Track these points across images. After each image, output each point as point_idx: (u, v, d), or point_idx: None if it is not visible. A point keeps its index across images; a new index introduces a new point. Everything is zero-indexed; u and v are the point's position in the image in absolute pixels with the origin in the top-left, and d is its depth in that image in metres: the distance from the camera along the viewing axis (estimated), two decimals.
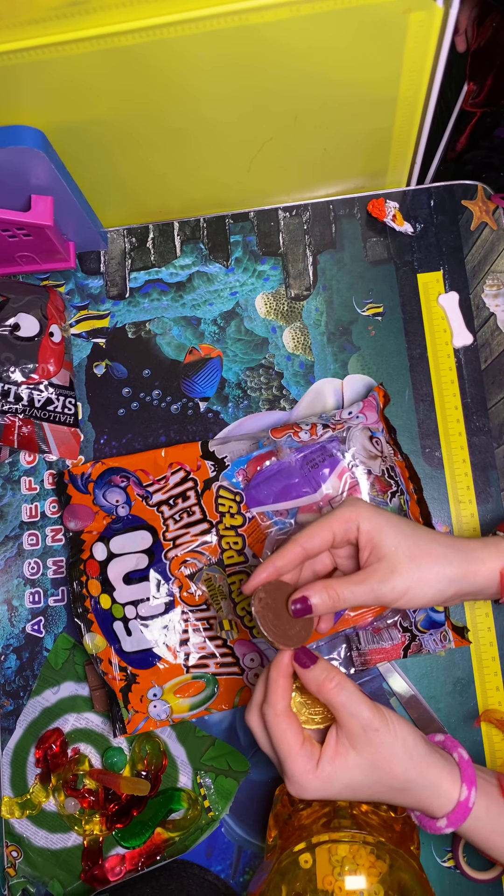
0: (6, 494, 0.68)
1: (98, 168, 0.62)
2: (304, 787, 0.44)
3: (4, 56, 0.47)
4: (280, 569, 0.47)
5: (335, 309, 0.69)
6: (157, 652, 0.61)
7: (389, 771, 0.44)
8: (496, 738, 0.61)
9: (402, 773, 0.44)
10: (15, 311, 0.65)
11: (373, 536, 0.47)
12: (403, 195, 0.70)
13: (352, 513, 0.47)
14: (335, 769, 0.44)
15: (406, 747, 0.45)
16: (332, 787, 0.44)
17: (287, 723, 0.45)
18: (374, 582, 0.46)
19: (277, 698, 0.45)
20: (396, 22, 0.48)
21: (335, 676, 0.44)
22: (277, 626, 0.46)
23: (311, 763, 0.44)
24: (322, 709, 0.48)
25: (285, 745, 0.44)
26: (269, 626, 0.45)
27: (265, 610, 0.46)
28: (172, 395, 0.69)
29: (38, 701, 0.65)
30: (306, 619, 0.47)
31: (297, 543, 0.47)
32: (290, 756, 0.44)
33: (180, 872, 0.60)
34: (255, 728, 0.46)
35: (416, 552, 0.46)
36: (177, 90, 0.53)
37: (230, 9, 0.45)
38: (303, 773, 0.44)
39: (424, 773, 0.45)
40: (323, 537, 0.47)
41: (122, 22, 0.46)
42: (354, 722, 0.44)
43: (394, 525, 0.47)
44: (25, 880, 0.63)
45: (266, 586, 0.46)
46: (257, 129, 0.59)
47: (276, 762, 0.46)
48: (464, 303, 0.67)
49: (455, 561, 0.47)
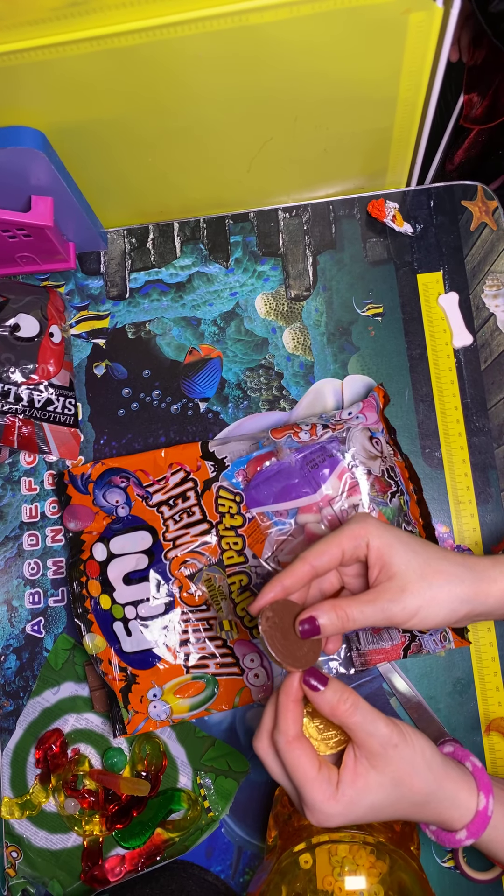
0: (6, 495, 0.68)
1: (98, 169, 0.62)
2: (327, 813, 0.42)
3: (5, 57, 0.47)
4: (288, 588, 0.45)
5: (335, 309, 0.69)
6: (156, 652, 0.61)
7: (411, 786, 0.43)
8: (498, 746, 0.61)
9: (424, 787, 0.43)
10: (15, 312, 0.65)
11: (383, 554, 0.45)
12: (403, 196, 0.70)
13: (361, 529, 0.46)
14: (357, 792, 0.42)
15: (425, 759, 0.44)
16: (355, 810, 0.43)
17: (300, 749, 0.43)
18: (385, 601, 0.44)
19: (288, 724, 0.43)
20: (396, 22, 0.48)
21: (348, 697, 0.43)
22: (285, 646, 0.44)
23: (331, 788, 0.42)
24: (336, 731, 0.46)
25: (301, 773, 0.43)
26: (277, 646, 0.44)
27: (273, 630, 0.44)
28: (172, 395, 0.69)
29: (37, 701, 0.65)
30: (314, 639, 0.45)
31: (305, 561, 0.45)
32: (308, 783, 0.42)
33: (180, 873, 0.60)
34: (266, 758, 0.45)
35: (428, 571, 0.45)
36: (177, 91, 0.53)
37: (230, 9, 0.45)
38: (323, 800, 0.42)
39: (443, 785, 0.44)
40: (332, 554, 0.46)
41: (123, 22, 0.46)
42: (373, 741, 0.43)
43: (404, 542, 0.46)
44: (25, 881, 0.63)
45: (274, 605, 0.45)
46: (257, 129, 0.59)
47: (293, 792, 0.44)
48: (464, 303, 0.67)
49: (467, 580, 0.46)
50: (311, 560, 0.45)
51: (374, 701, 0.62)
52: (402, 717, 0.62)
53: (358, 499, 0.59)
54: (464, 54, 0.66)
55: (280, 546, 0.61)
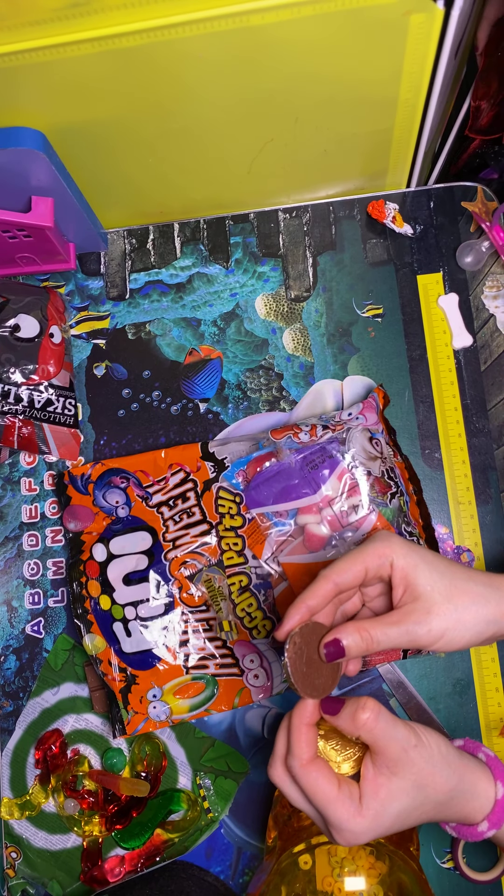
0: (6, 495, 0.68)
1: (99, 169, 0.62)
2: (355, 832, 0.41)
3: (6, 57, 0.47)
4: (313, 608, 0.44)
5: (335, 310, 0.69)
6: (156, 653, 0.61)
7: (434, 786, 0.42)
8: (498, 748, 0.61)
9: (445, 783, 0.42)
10: (15, 312, 0.65)
11: (407, 574, 0.44)
12: (403, 197, 0.70)
13: (386, 548, 0.44)
14: (381, 802, 0.41)
15: (442, 754, 0.43)
16: (382, 822, 0.41)
17: (317, 770, 0.42)
18: (410, 623, 0.43)
19: (302, 748, 0.42)
20: (397, 24, 0.48)
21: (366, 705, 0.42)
22: (307, 675, 0.43)
23: (354, 804, 0.41)
24: (354, 749, 0.45)
25: (321, 795, 0.41)
26: (298, 676, 0.43)
27: (298, 657, 0.43)
28: (172, 396, 0.69)
29: (37, 702, 0.65)
30: (335, 664, 0.44)
31: (328, 579, 0.44)
32: (330, 804, 0.41)
33: (180, 874, 0.60)
34: (283, 785, 0.43)
35: (454, 592, 0.44)
36: (178, 91, 0.53)
37: (232, 10, 0.45)
38: (349, 819, 0.41)
39: (464, 777, 0.43)
40: (355, 572, 0.44)
41: (123, 23, 0.46)
42: (394, 745, 0.41)
43: (429, 562, 0.44)
44: (25, 881, 0.63)
45: (303, 629, 0.43)
46: (258, 130, 0.59)
47: (316, 816, 0.43)
48: (463, 304, 0.67)
49: (493, 600, 0.44)
50: (333, 577, 0.44)
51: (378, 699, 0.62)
52: (401, 716, 0.62)
53: (358, 500, 0.59)
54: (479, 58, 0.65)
55: (280, 547, 0.61)
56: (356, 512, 0.59)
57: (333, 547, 0.59)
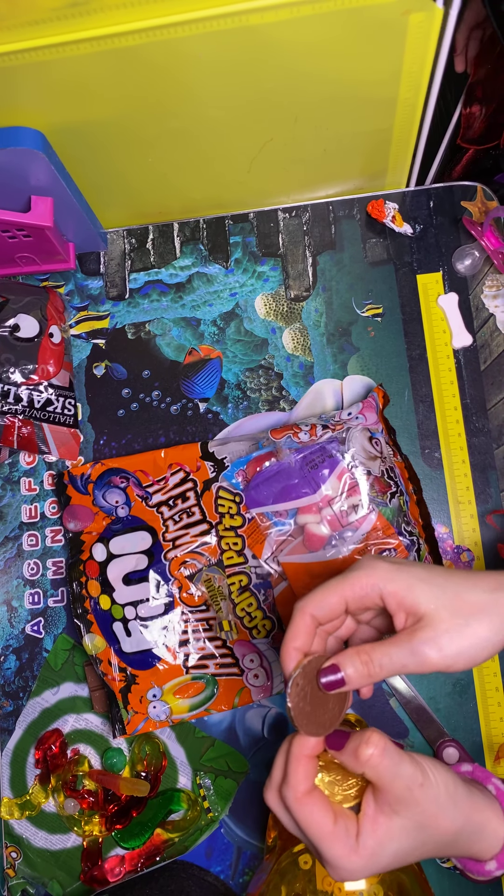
0: (6, 495, 0.68)
1: (98, 169, 0.62)
2: (348, 869, 0.39)
3: (5, 57, 0.47)
4: (301, 648, 0.41)
5: (335, 310, 0.69)
6: (156, 653, 0.61)
7: (437, 827, 0.39)
8: (498, 770, 0.61)
9: (451, 825, 0.40)
10: (15, 312, 0.65)
11: (402, 597, 0.40)
12: (403, 196, 0.70)
13: (367, 578, 0.41)
14: (379, 841, 0.39)
15: (449, 793, 0.40)
16: (378, 861, 0.39)
17: (311, 804, 0.39)
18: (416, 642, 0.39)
19: (299, 780, 0.40)
20: (396, 23, 0.48)
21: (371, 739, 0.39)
22: (311, 713, 0.40)
23: (350, 841, 0.39)
24: (356, 781, 0.42)
25: (315, 829, 0.39)
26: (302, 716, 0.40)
27: (301, 698, 0.40)
28: (172, 395, 0.69)
29: (37, 702, 0.65)
30: (340, 696, 0.42)
31: (304, 612, 0.41)
32: (324, 840, 0.39)
33: (180, 873, 0.60)
34: (278, 811, 0.41)
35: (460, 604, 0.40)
36: (177, 91, 0.53)
37: (231, 10, 0.45)
38: (343, 856, 0.39)
39: (470, 818, 0.40)
40: (332, 605, 0.41)
41: (123, 23, 0.46)
42: (399, 783, 0.39)
43: (423, 579, 0.41)
44: (25, 881, 0.63)
45: (304, 668, 0.41)
46: (257, 129, 0.59)
47: (310, 846, 0.41)
48: (463, 304, 0.67)
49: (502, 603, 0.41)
50: (310, 610, 0.41)
51: (374, 702, 0.62)
52: (402, 717, 0.62)
53: (357, 499, 0.59)
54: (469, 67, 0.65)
55: (280, 546, 0.61)
56: (356, 511, 0.59)
57: (333, 546, 0.59)
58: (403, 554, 0.58)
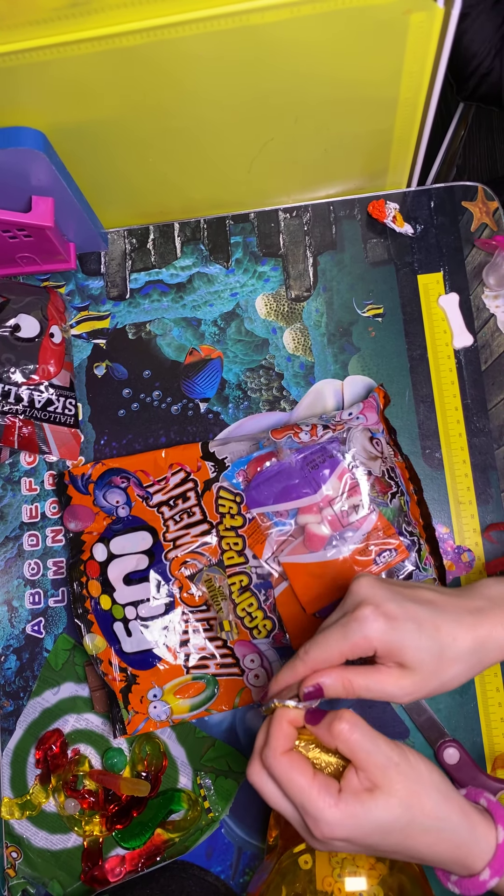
0: (6, 495, 0.68)
1: (99, 169, 0.62)
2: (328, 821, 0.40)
3: (6, 57, 0.47)
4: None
5: (335, 310, 0.69)
6: (157, 653, 0.61)
7: (421, 807, 0.40)
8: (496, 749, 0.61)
9: (434, 808, 0.41)
10: (15, 312, 0.65)
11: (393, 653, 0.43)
12: (404, 196, 0.70)
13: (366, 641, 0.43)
14: (362, 805, 0.40)
15: (433, 781, 0.42)
16: (359, 824, 0.40)
17: (291, 760, 0.41)
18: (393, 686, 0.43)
19: (279, 740, 0.42)
20: (397, 23, 0.48)
21: (343, 716, 0.41)
22: None
23: (332, 794, 0.40)
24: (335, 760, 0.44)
25: (296, 784, 0.41)
26: None
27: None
28: (173, 395, 0.69)
29: (38, 702, 0.65)
30: None
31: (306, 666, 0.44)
32: (304, 792, 0.40)
33: (180, 873, 0.60)
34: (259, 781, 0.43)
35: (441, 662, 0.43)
36: (178, 91, 0.53)
37: (231, 10, 0.45)
38: (324, 807, 0.40)
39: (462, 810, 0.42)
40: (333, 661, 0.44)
41: (124, 23, 0.46)
42: (374, 759, 0.41)
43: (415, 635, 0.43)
44: (25, 881, 0.63)
45: None
46: (258, 129, 0.59)
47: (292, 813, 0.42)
48: (464, 304, 0.67)
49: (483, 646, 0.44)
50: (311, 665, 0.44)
51: (374, 702, 0.62)
52: (402, 717, 0.62)
53: (358, 499, 0.59)
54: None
55: (280, 546, 0.61)
56: (357, 511, 0.59)
57: (334, 546, 0.59)
58: (404, 554, 0.58)
